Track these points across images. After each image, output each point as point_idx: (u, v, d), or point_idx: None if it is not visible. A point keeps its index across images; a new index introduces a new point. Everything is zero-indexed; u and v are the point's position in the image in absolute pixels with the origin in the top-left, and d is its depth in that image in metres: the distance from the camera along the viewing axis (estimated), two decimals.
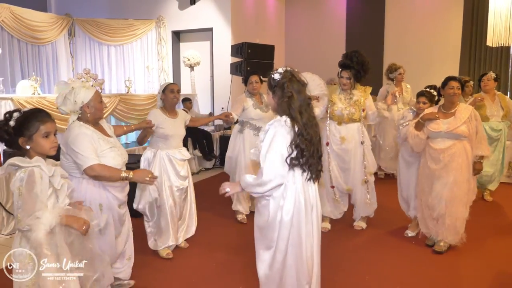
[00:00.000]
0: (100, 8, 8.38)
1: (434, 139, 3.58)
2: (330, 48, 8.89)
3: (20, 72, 6.77)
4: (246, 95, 4.37)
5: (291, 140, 2.14)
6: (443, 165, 3.52)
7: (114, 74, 8.11)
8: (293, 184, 2.19)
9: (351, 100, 3.96)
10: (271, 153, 2.13)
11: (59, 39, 7.42)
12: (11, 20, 6.27)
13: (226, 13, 7.62)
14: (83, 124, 2.53)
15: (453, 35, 8.02)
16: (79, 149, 2.40)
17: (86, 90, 2.55)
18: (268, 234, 2.23)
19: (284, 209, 2.18)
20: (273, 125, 2.18)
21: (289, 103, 2.16)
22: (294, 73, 2.21)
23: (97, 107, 2.57)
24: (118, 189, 2.63)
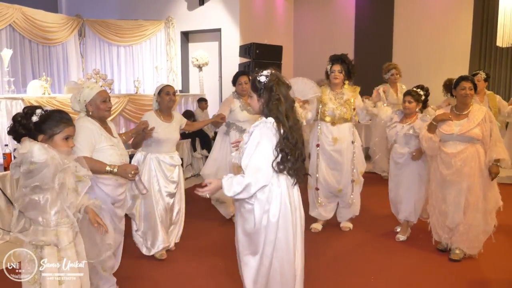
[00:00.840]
0: (110, 9, 8.45)
1: (446, 142, 3.43)
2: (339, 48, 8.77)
3: (31, 72, 6.84)
4: (233, 96, 4.25)
5: (276, 143, 2.10)
6: (455, 170, 3.36)
7: (123, 75, 8.17)
8: (278, 188, 2.15)
9: (342, 100, 3.90)
10: (257, 155, 2.09)
11: (70, 39, 7.50)
12: (22, 21, 6.35)
13: (234, 13, 7.63)
14: (89, 119, 2.63)
15: (463, 35, 7.94)
16: (78, 140, 2.43)
17: (89, 90, 2.64)
18: (255, 239, 2.19)
19: (270, 213, 2.14)
20: (259, 127, 2.14)
21: (277, 106, 2.13)
22: (280, 76, 2.20)
23: (98, 106, 2.63)
24: (110, 187, 2.64)
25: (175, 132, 3.50)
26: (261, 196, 2.14)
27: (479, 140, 3.33)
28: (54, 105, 5.08)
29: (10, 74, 5.56)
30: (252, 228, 2.17)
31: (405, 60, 8.26)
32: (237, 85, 4.22)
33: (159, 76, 7.90)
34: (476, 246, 3.41)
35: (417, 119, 3.71)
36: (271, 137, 2.11)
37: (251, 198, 2.15)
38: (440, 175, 3.47)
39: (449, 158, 3.39)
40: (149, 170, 3.38)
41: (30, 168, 1.86)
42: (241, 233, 2.25)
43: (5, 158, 4.32)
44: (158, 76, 7.90)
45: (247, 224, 2.20)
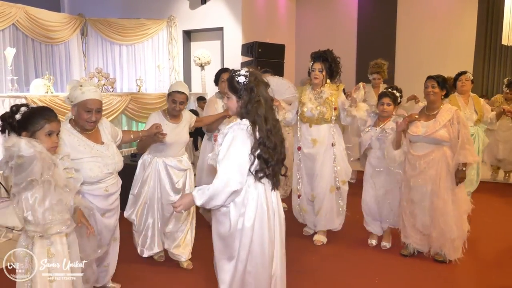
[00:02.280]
0: (112, 8, 8.47)
1: (414, 143, 3.34)
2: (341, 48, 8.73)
3: (34, 71, 6.87)
4: (216, 96, 3.91)
5: (251, 147, 2.00)
6: (418, 171, 3.27)
7: (125, 73, 8.18)
8: (255, 190, 2.06)
9: (321, 99, 3.63)
10: (229, 158, 1.99)
11: (72, 38, 7.52)
12: (25, 20, 6.38)
13: (236, 12, 7.64)
14: (69, 128, 2.44)
15: (467, 34, 7.89)
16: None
17: (80, 93, 2.40)
18: (230, 243, 2.10)
19: (246, 216, 2.05)
20: (232, 129, 2.04)
21: (256, 108, 2.02)
22: (258, 75, 2.09)
23: (80, 115, 2.41)
24: (99, 198, 2.50)
25: (184, 133, 3.22)
26: (237, 199, 2.05)
27: (447, 142, 3.20)
28: (56, 103, 5.10)
29: (14, 72, 5.58)
30: (227, 231, 2.08)
31: (408, 59, 8.26)
32: (220, 82, 3.88)
33: (161, 75, 7.91)
34: (454, 252, 3.30)
35: (389, 121, 3.47)
36: (245, 139, 2.01)
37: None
38: (406, 176, 3.40)
39: (415, 160, 3.30)
40: (154, 174, 3.16)
41: (18, 162, 1.84)
42: (216, 237, 2.16)
43: None
44: (160, 75, 7.91)
45: (222, 228, 2.11)
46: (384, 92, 3.50)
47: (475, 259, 3.47)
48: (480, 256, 3.55)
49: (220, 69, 4.10)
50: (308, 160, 3.70)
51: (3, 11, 5.98)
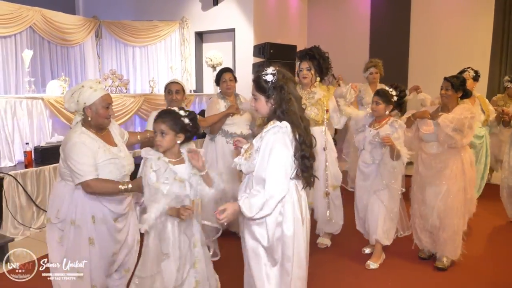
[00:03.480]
0: (126, 10, 8.58)
1: (427, 143, 3.29)
2: (354, 48, 8.82)
3: (50, 72, 7.01)
4: (218, 97, 3.88)
5: (294, 150, 1.92)
6: (435, 171, 3.23)
7: (138, 75, 8.28)
8: (290, 197, 1.97)
9: (313, 100, 3.45)
10: (273, 165, 1.87)
11: (87, 40, 7.64)
12: (42, 23, 6.51)
13: (248, 13, 7.68)
14: (85, 131, 2.36)
15: (483, 35, 7.68)
16: (76, 161, 2.24)
17: (93, 92, 2.34)
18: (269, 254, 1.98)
19: (284, 225, 1.95)
20: (271, 132, 1.91)
21: (290, 107, 1.93)
22: (286, 73, 2.01)
23: (100, 113, 2.36)
24: (114, 202, 2.44)
25: None
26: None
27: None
28: None
29: (31, 74, 5.71)
30: (266, 243, 1.97)
31: (423, 61, 8.17)
32: (221, 83, 3.85)
33: (173, 76, 7.98)
34: (458, 251, 3.29)
35: (386, 125, 3.27)
36: (288, 143, 1.91)
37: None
38: (420, 177, 3.34)
39: (429, 160, 3.26)
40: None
41: None
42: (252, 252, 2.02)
43: (25, 156, 4.45)
44: (172, 76, 7.98)
45: (259, 240, 1.99)
46: (376, 91, 3.38)
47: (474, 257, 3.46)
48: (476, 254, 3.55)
49: (222, 69, 4.02)
50: None
51: (21, 14, 6.11)
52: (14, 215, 4.10)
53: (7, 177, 4.08)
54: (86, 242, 2.40)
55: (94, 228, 2.40)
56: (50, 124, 5.03)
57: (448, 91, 3.22)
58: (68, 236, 2.41)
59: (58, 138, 4.93)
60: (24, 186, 4.24)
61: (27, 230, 4.23)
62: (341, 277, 3.25)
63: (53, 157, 4.59)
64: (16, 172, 4.19)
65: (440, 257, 3.32)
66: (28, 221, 4.28)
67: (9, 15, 5.94)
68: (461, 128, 3.10)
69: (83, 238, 2.39)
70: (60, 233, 2.45)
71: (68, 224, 2.40)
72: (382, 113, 3.30)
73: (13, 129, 4.62)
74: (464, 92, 3.26)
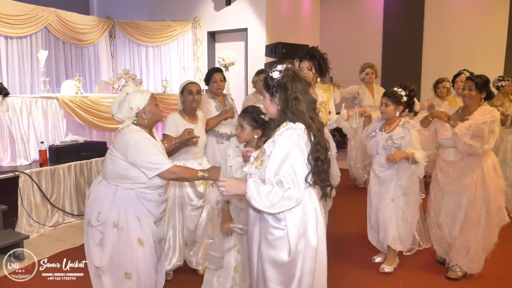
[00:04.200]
0: (139, 10, 8.65)
1: (446, 149, 3.11)
2: (366, 48, 8.76)
3: (64, 72, 7.10)
4: (208, 96, 3.84)
5: (308, 153, 1.79)
6: (452, 180, 3.05)
7: (151, 74, 8.34)
8: (312, 205, 1.85)
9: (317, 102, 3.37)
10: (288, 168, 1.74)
11: (101, 40, 7.72)
12: (57, 23, 6.60)
13: (261, 13, 7.67)
14: (141, 129, 2.38)
15: (498, 32, 7.57)
16: (149, 153, 2.28)
17: (141, 95, 2.37)
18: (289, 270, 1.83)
19: (309, 236, 1.82)
20: (284, 135, 1.79)
21: (296, 106, 1.81)
22: (297, 71, 1.89)
23: (154, 112, 2.41)
24: (154, 204, 2.45)
25: (202, 134, 3.19)
26: (293, 219, 1.79)
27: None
28: (86, 104, 5.27)
29: (45, 74, 5.79)
30: (287, 257, 1.81)
31: (436, 61, 8.08)
32: (212, 83, 3.81)
33: (186, 75, 8.02)
34: (476, 265, 3.09)
35: (397, 127, 3.12)
36: (303, 147, 1.78)
37: (280, 222, 1.80)
38: (438, 185, 3.18)
39: (447, 167, 3.08)
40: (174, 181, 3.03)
41: None
42: (269, 266, 1.86)
43: (40, 154, 4.52)
44: (185, 76, 8.02)
45: (279, 254, 1.82)
46: (385, 92, 3.24)
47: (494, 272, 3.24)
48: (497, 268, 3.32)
49: (212, 69, 4.00)
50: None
51: (36, 14, 6.21)
52: (29, 213, 4.17)
53: (22, 175, 4.15)
54: (136, 243, 2.36)
55: (142, 229, 2.38)
56: (64, 124, 5.10)
57: (471, 91, 2.99)
58: (109, 239, 2.36)
59: (72, 137, 5.00)
60: (39, 184, 4.30)
61: (42, 228, 4.29)
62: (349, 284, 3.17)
63: (68, 156, 4.66)
64: (31, 170, 4.26)
65: (453, 267, 3.16)
66: (43, 219, 4.34)
67: (25, 16, 6.04)
68: (480, 135, 2.88)
69: (132, 239, 2.36)
70: (100, 236, 2.38)
71: (110, 227, 2.35)
72: (392, 115, 3.15)
73: (28, 128, 4.70)
74: (488, 92, 3.03)
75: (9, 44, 6.01)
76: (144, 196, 2.38)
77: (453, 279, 3.13)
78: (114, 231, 2.35)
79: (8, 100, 4.46)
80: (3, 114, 4.43)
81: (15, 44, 6.08)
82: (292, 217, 1.79)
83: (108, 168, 2.39)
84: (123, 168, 2.33)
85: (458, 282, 3.12)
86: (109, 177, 2.39)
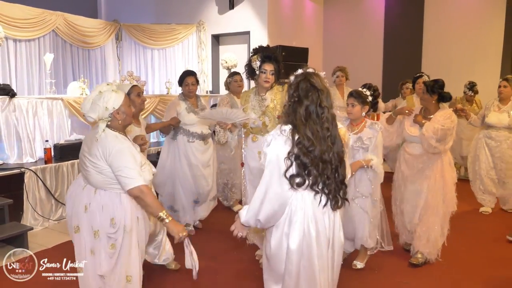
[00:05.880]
0: (145, 14, 8.85)
1: (410, 143, 3.41)
2: (368, 50, 8.86)
3: (71, 74, 7.32)
4: (179, 98, 4.05)
5: (288, 152, 1.81)
6: (416, 171, 3.35)
7: (157, 76, 8.52)
8: (301, 209, 1.85)
9: (263, 107, 3.18)
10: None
11: (107, 43, 7.92)
12: (64, 26, 6.81)
13: (263, 17, 7.81)
14: (122, 137, 2.34)
15: (495, 37, 7.67)
16: (125, 166, 2.23)
17: (116, 94, 2.30)
18: (274, 265, 1.93)
19: (290, 237, 1.85)
20: (271, 135, 1.90)
21: (294, 107, 1.84)
22: (310, 76, 1.88)
23: (128, 113, 2.37)
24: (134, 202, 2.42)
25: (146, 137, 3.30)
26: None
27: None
28: None
29: (52, 76, 5.99)
30: (269, 251, 1.93)
31: (435, 62, 8.14)
32: (184, 86, 4.00)
33: None
34: (435, 251, 3.39)
35: (365, 127, 3.12)
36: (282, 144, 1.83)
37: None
38: (401, 175, 3.45)
39: (412, 159, 3.38)
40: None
41: None
42: (264, 255, 2.01)
43: (45, 152, 4.72)
44: None
45: (267, 246, 1.96)
46: (350, 92, 3.23)
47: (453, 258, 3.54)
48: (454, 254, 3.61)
49: (185, 72, 4.11)
50: (254, 176, 3.22)
51: (44, 18, 6.43)
52: (34, 207, 4.37)
53: (28, 171, 4.34)
54: (135, 245, 2.38)
55: (140, 229, 2.40)
56: (69, 123, 5.30)
57: (424, 94, 3.33)
58: (120, 244, 2.34)
59: (76, 136, 5.20)
60: (44, 180, 4.49)
61: (46, 221, 4.49)
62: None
63: (71, 154, 4.84)
64: (36, 167, 4.45)
65: (415, 253, 3.41)
66: (47, 213, 4.53)
67: (33, 20, 6.26)
68: (443, 139, 3.19)
69: (133, 241, 2.37)
70: (111, 242, 2.34)
71: (121, 231, 2.32)
72: (359, 115, 3.12)
73: (34, 127, 4.89)
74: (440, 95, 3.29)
75: (17, 47, 6.24)
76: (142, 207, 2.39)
77: (415, 265, 3.38)
78: (124, 235, 2.34)
79: (15, 101, 4.66)
80: (10, 114, 4.63)
81: (23, 46, 6.31)
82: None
83: (99, 178, 2.31)
84: (113, 177, 2.28)
85: (420, 268, 3.38)
86: (102, 185, 2.32)
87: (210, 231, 4.32)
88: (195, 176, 4.06)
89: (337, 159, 1.86)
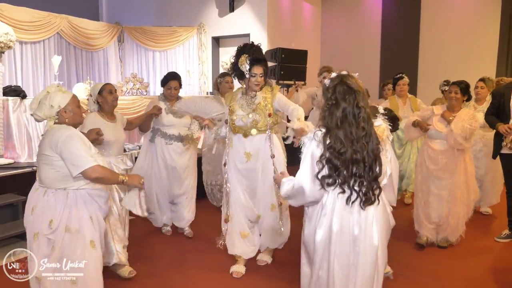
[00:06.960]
0: (147, 16, 8.97)
1: (434, 140, 3.69)
2: (366, 52, 9.03)
3: (75, 76, 7.43)
4: (159, 98, 4.00)
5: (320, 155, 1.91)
6: (441, 166, 3.63)
7: (158, 78, 8.63)
8: (330, 204, 1.96)
9: (254, 104, 3.14)
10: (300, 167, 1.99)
11: (110, 45, 8.04)
12: (68, 29, 6.94)
13: (262, 19, 7.96)
14: (69, 127, 2.34)
15: (490, 38, 7.86)
16: (77, 149, 2.23)
17: (63, 94, 2.36)
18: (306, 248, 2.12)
19: (317, 230, 1.99)
20: (307, 137, 2.00)
21: (331, 111, 1.91)
22: (346, 78, 1.94)
23: (76, 112, 2.39)
24: (103, 200, 2.42)
25: (122, 132, 3.38)
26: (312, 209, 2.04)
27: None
28: None
29: (58, 78, 6.11)
30: (303, 238, 2.12)
31: (432, 63, 8.33)
32: (166, 89, 3.95)
33: (191, 79, 8.32)
34: (458, 235, 3.76)
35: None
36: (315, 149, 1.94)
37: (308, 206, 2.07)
38: (426, 170, 3.72)
39: (436, 155, 3.65)
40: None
41: None
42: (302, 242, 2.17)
43: None
44: (190, 79, 8.32)
45: (302, 234, 2.14)
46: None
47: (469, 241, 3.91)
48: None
49: (169, 75, 4.07)
50: (246, 177, 3.23)
51: (49, 21, 6.55)
52: None
53: None
54: (88, 246, 2.32)
55: (94, 230, 2.35)
56: None
57: (457, 94, 3.62)
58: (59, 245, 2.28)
59: None
60: None
61: None
62: None
63: None
64: None
65: (443, 240, 3.77)
66: None
67: (38, 22, 6.38)
68: (470, 137, 3.58)
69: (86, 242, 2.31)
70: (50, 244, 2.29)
71: (61, 232, 2.26)
72: None
73: (43, 127, 4.99)
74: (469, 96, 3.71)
75: (23, 49, 6.36)
76: (95, 192, 2.36)
77: (444, 247, 3.75)
78: (66, 236, 2.27)
79: (26, 102, 4.79)
80: (21, 114, 4.76)
81: (29, 49, 6.43)
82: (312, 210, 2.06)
83: (49, 173, 2.28)
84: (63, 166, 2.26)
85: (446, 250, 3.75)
86: (52, 183, 2.28)
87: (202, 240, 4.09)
88: (170, 178, 3.98)
89: (371, 157, 1.92)
